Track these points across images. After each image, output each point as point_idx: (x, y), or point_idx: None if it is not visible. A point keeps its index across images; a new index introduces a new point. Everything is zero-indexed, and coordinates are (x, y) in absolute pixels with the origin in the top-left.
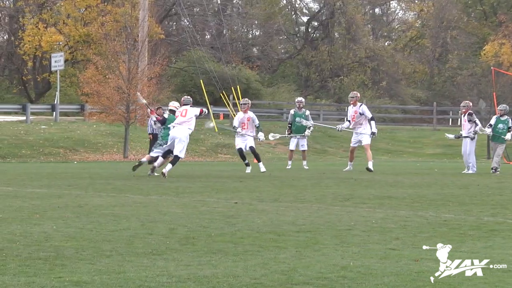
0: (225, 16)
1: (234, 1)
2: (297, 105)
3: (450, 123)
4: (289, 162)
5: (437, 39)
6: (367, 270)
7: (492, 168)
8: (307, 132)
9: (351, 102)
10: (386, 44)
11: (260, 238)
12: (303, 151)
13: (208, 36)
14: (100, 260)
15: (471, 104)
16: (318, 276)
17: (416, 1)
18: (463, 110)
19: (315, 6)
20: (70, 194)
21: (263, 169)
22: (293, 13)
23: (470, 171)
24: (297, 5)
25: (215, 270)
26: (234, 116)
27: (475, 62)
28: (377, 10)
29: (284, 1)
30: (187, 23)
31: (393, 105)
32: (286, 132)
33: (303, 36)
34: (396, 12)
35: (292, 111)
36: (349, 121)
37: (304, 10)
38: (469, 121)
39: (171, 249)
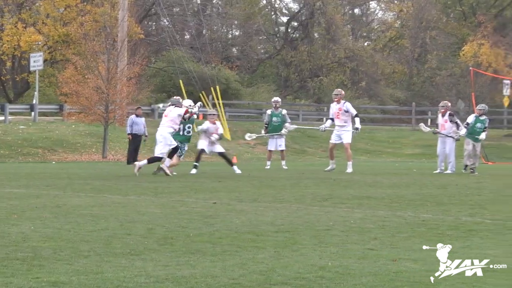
0: (205, 16)
1: (214, 1)
2: (274, 105)
3: (429, 123)
4: (268, 163)
5: (416, 40)
6: (345, 270)
7: (467, 167)
8: (284, 131)
9: (335, 99)
10: (365, 44)
11: (238, 238)
12: (282, 151)
13: (188, 36)
14: (78, 260)
15: (449, 104)
16: (296, 276)
17: (396, 2)
18: (442, 111)
19: (294, 6)
20: (49, 194)
21: (237, 171)
22: (272, 13)
23: (449, 171)
24: (276, 5)
25: (193, 270)
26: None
27: (454, 62)
28: (356, 10)
29: (264, 1)
30: (167, 23)
31: (372, 105)
32: (263, 132)
33: (283, 36)
34: (376, 12)
35: (268, 111)
36: (331, 119)
37: (284, 10)
38: (450, 121)
39: (149, 249)
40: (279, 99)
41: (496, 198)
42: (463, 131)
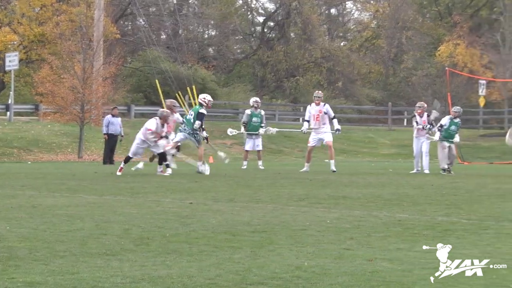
0: (181, 16)
1: (190, 1)
2: (255, 105)
3: (405, 123)
4: (245, 163)
5: (393, 40)
6: (321, 270)
7: (443, 169)
8: (261, 130)
9: (316, 101)
10: (341, 44)
11: (215, 238)
12: (258, 151)
13: (164, 36)
14: (53, 260)
15: (426, 105)
16: (272, 276)
17: (372, 2)
18: (419, 111)
19: (271, 6)
20: (24, 194)
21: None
22: (249, 13)
23: (426, 171)
24: (253, 5)
25: (170, 270)
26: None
27: (430, 62)
28: (333, 10)
29: (240, 1)
30: (143, 23)
31: (349, 105)
32: (242, 130)
33: (259, 36)
34: (352, 12)
35: (248, 111)
36: (307, 121)
37: (260, 10)
38: (428, 122)
39: (125, 250)
40: (259, 99)
41: (471, 198)
42: (437, 135)
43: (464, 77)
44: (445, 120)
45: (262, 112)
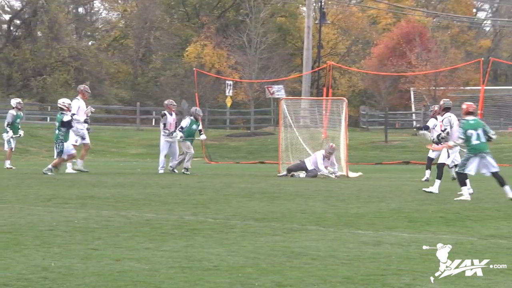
0: None
1: None
2: (19, 106)
3: (154, 123)
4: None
5: (141, 40)
6: (68, 270)
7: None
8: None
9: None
10: (90, 43)
11: None
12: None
13: None
14: None
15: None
16: (18, 277)
17: (120, 1)
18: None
19: (17, 4)
20: None
21: None
22: None
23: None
24: None
25: None
26: None
27: (178, 63)
28: (80, 9)
29: None
30: None
31: (97, 105)
32: (8, 130)
33: (5, 35)
34: (100, 12)
35: (13, 112)
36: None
37: (6, 8)
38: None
39: None
40: (21, 101)
41: (218, 197)
42: (178, 135)
43: (211, 78)
44: (185, 122)
45: (22, 114)
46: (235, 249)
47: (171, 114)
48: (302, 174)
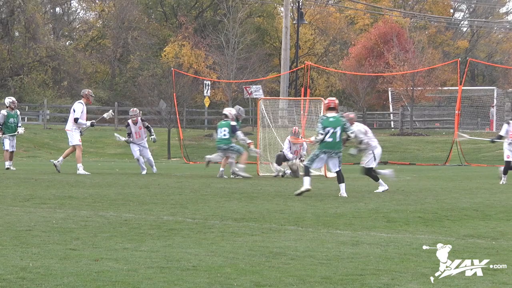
0: None
1: None
2: (12, 106)
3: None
4: (7, 163)
5: (119, 40)
6: (46, 271)
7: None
8: (21, 130)
9: (134, 119)
10: (67, 43)
11: None
12: (12, 152)
13: None
14: None
15: (138, 111)
16: None
17: (97, 1)
18: (134, 119)
19: None
20: None
21: None
22: None
23: (154, 170)
24: None
25: None
26: None
27: (156, 63)
28: (58, 9)
29: None
30: None
31: None
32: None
33: None
34: (77, 11)
35: (4, 112)
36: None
37: None
38: (145, 127)
39: None
40: (15, 100)
41: (196, 197)
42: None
43: (189, 78)
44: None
45: (18, 112)
46: (213, 249)
47: (135, 124)
48: (288, 170)
